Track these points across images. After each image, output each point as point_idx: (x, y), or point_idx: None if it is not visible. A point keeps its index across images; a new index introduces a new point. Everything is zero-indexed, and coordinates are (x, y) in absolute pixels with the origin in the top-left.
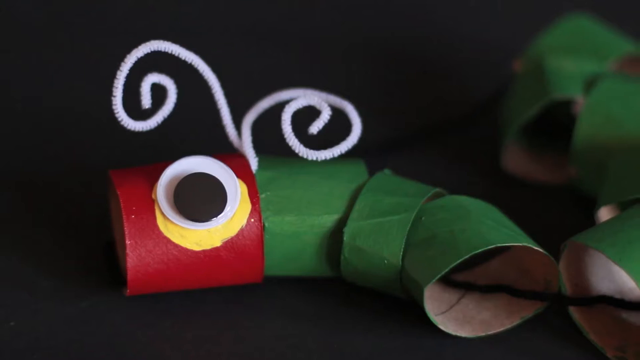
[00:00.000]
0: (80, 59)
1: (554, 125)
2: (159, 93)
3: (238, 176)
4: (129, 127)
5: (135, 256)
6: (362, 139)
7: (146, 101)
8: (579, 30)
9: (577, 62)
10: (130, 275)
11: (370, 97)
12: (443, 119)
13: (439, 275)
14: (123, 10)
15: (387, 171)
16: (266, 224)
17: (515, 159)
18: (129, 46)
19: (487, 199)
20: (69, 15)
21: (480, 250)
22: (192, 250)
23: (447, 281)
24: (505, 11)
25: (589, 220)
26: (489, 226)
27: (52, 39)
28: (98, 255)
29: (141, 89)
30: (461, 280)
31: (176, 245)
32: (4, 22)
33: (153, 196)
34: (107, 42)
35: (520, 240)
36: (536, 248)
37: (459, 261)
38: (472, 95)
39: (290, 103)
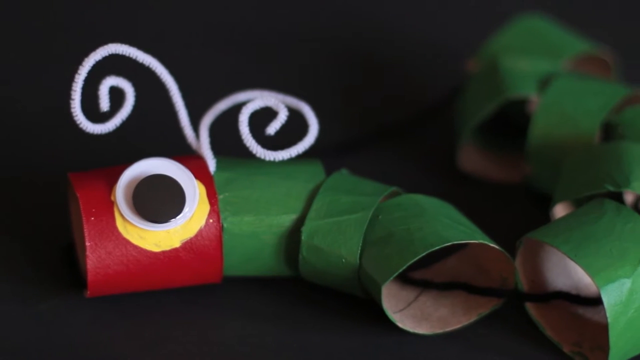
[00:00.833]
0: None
1: (509, 124)
2: (117, 96)
3: (196, 177)
4: (87, 130)
5: (95, 258)
6: (319, 140)
7: (104, 104)
8: (532, 29)
9: (531, 61)
10: (90, 276)
11: (327, 98)
12: (399, 119)
13: (396, 273)
14: (79, 14)
15: (344, 171)
16: (225, 225)
17: (471, 158)
18: (85, 50)
19: (443, 197)
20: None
21: (436, 248)
22: (151, 251)
23: (405, 279)
24: (459, 11)
25: (545, 217)
26: (445, 224)
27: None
28: (58, 257)
29: (99, 92)
30: (418, 278)
31: (135, 247)
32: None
33: (112, 198)
34: (65, 45)
35: (476, 237)
36: (492, 245)
37: (415, 259)
38: (428, 95)
39: (247, 104)
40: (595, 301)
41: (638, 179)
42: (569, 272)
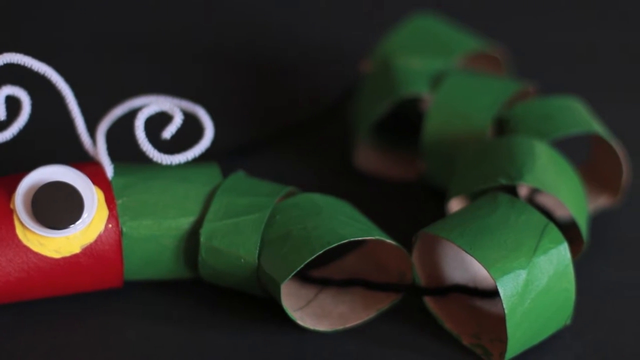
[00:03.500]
0: None
1: (404, 123)
2: (13, 105)
3: (94, 183)
4: None
5: None
6: (215, 143)
7: (1, 113)
8: (424, 29)
9: (423, 60)
10: None
11: (222, 101)
12: (295, 121)
13: (294, 272)
14: None
15: (240, 173)
16: (124, 229)
17: (367, 157)
18: None
19: (340, 196)
20: None
21: (333, 245)
22: (51, 257)
23: (304, 277)
24: (352, 13)
25: (441, 212)
26: (342, 221)
27: None
28: None
29: None
30: (317, 276)
31: (36, 254)
32: None
33: (11, 206)
34: None
35: (372, 234)
36: (388, 241)
37: (313, 257)
38: (323, 97)
39: (143, 109)
40: (493, 293)
41: (531, 172)
42: (465, 265)
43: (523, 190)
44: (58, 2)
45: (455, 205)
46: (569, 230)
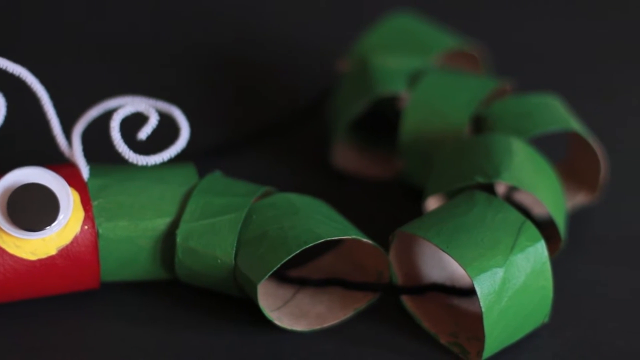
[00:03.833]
0: None
1: (381, 121)
2: None
3: (70, 185)
4: None
5: None
6: (192, 143)
7: None
8: (401, 27)
9: (400, 58)
10: None
11: (199, 102)
12: (273, 121)
13: (270, 272)
14: None
15: (217, 173)
16: (100, 230)
17: (345, 156)
18: None
19: (318, 196)
20: None
21: (310, 245)
22: (28, 259)
23: (281, 277)
24: (329, 12)
25: (418, 211)
26: (318, 221)
27: None
28: None
29: None
30: (295, 276)
31: (12, 256)
32: None
33: None
34: None
35: (349, 233)
36: (365, 240)
37: (289, 257)
38: (300, 96)
39: (118, 110)
40: (470, 292)
41: (508, 170)
42: (443, 264)
43: (500, 188)
44: (30, 3)
45: (432, 203)
46: (546, 228)
